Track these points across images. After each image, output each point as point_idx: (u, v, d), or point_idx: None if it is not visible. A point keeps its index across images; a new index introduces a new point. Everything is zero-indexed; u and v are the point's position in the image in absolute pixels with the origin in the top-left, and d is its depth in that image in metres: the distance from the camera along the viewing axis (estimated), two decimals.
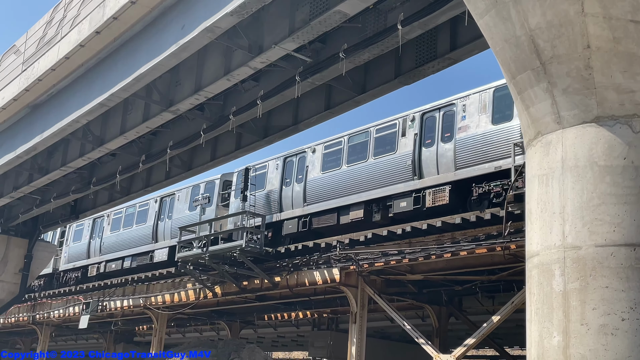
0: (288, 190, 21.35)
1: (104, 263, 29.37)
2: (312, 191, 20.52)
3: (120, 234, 29.02)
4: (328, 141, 20.67)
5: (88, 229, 31.27)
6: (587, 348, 6.66)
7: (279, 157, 22.14)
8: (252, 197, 22.32)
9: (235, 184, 23.53)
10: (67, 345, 41.72)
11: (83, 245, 31.23)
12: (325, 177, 20.23)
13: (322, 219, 20.02)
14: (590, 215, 6.94)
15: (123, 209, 29.04)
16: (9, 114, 19.27)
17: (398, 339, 26.88)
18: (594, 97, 7.12)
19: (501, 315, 15.73)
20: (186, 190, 25.84)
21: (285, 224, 21.02)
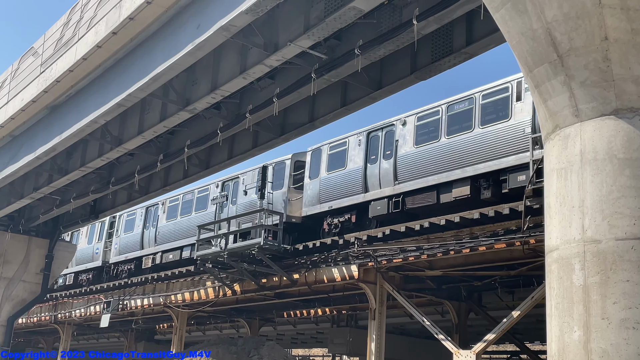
0: (374, 168, 19.50)
1: (160, 254, 27.52)
2: (404, 168, 18.57)
3: (178, 222, 27.02)
4: (421, 112, 18.69)
5: (141, 218, 29.49)
6: (609, 342, 6.61)
7: (362, 133, 20.24)
8: (330, 178, 20.77)
9: (309, 165, 21.86)
10: (89, 345, 42.10)
11: (136, 236, 29.44)
12: (420, 151, 18.28)
13: (417, 198, 18.06)
14: (610, 208, 6.88)
15: (180, 195, 27.25)
16: (28, 116, 19.44)
17: (417, 335, 26.86)
18: (613, 90, 7.06)
19: (521, 310, 15.66)
20: (252, 173, 23.91)
21: (372, 205, 19.13)
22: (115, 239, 30.88)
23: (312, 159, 21.81)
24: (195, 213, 26.18)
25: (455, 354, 16.57)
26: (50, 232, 27.63)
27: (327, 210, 20.68)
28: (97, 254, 31.98)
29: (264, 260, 19.97)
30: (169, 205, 27.86)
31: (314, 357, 44.32)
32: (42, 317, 32.69)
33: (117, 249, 30.66)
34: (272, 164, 22.96)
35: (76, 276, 33.18)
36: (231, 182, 24.96)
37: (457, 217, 16.33)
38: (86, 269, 32.49)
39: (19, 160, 20.80)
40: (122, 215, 30.51)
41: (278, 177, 22.60)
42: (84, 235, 33.13)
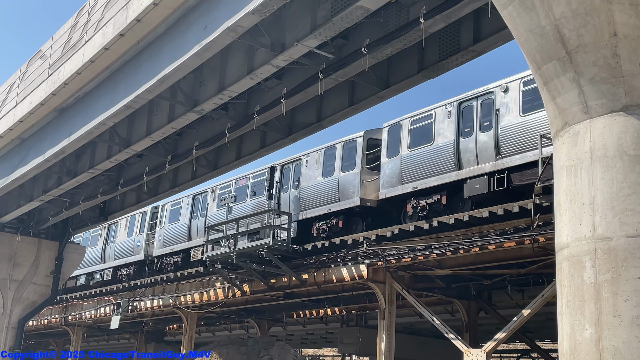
0: (468, 142, 17.51)
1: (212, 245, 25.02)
2: (508, 140, 16.65)
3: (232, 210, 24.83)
4: (528, 75, 16.56)
5: (187, 207, 27.15)
6: (621, 340, 6.57)
7: (451, 103, 18.24)
8: (413, 155, 18.63)
9: (386, 142, 19.61)
10: (99, 346, 42.24)
11: (182, 226, 27.13)
12: (530, 120, 16.30)
13: (527, 174, 16.01)
14: (621, 205, 6.83)
15: (232, 181, 25.24)
16: (37, 118, 19.52)
17: (427, 335, 26.81)
18: (622, 86, 7.01)
19: (531, 308, 15.59)
20: (316, 154, 21.64)
21: (469, 184, 17.22)
22: (159, 231, 28.47)
23: (389, 135, 19.55)
24: (251, 199, 23.81)
25: (466, 353, 16.52)
26: (60, 234, 27.74)
27: (410, 191, 18.42)
28: (138, 247, 29.72)
29: (273, 260, 19.96)
30: (219, 192, 25.42)
31: (323, 357, 44.31)
32: (52, 319, 32.81)
33: (161, 241, 28.30)
34: (341, 142, 20.78)
35: (115, 271, 31.06)
36: (292, 165, 22.64)
37: (466, 215, 16.26)
38: (126, 264, 30.25)
39: (28, 162, 20.89)
40: (166, 205, 28.35)
41: (349, 158, 20.33)
42: (122, 227, 31.02)
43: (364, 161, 20.24)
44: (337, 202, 19.99)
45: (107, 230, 31.95)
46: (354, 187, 19.88)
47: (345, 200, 19.69)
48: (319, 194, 20.67)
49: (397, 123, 19.43)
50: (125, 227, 30.95)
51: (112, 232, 31.88)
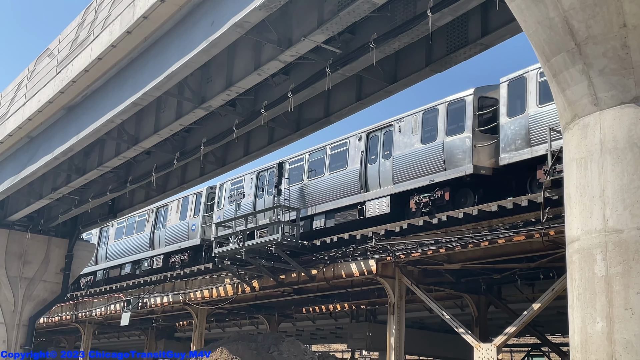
0: None
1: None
2: None
3: (306, 186, 22.12)
4: None
5: (251, 185, 24.37)
6: (632, 333, 6.53)
7: None
8: (546, 112, 16.10)
9: (506, 100, 17.09)
10: (110, 343, 42.43)
11: (246, 206, 24.49)
12: None
13: None
14: (632, 197, 6.78)
15: (304, 154, 22.55)
16: (45, 116, 19.57)
17: (437, 329, 26.78)
18: (632, 77, 6.96)
19: (542, 302, 15.56)
20: (412, 118, 18.99)
21: None
22: (218, 212, 25.79)
23: (509, 92, 17.25)
24: (330, 173, 21.26)
25: (476, 347, 16.49)
26: (70, 231, 27.84)
27: (543, 154, 15.35)
28: (193, 231, 27.11)
29: (282, 256, 19.98)
30: (289, 167, 22.96)
31: (333, 353, 44.34)
32: (63, 317, 32.98)
33: None
34: (444, 103, 18.20)
35: (166, 258, 28.43)
36: (380, 132, 20.01)
37: (475, 209, 16.23)
38: (180, 249, 27.71)
39: (37, 161, 20.95)
40: (225, 185, 25.90)
41: (455, 120, 17.79)
42: (174, 210, 28.49)
43: (475, 123, 17.61)
44: (442, 171, 17.57)
45: (156, 214, 29.51)
46: (464, 153, 17.42)
47: (453, 168, 17.27)
48: (418, 163, 18.21)
49: (521, 76, 17.06)
50: (177, 209, 28.26)
51: (162, 215, 29.26)
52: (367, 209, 19.32)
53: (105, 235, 33.29)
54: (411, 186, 18.36)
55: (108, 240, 32.92)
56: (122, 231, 32.15)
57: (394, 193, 18.86)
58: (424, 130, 18.56)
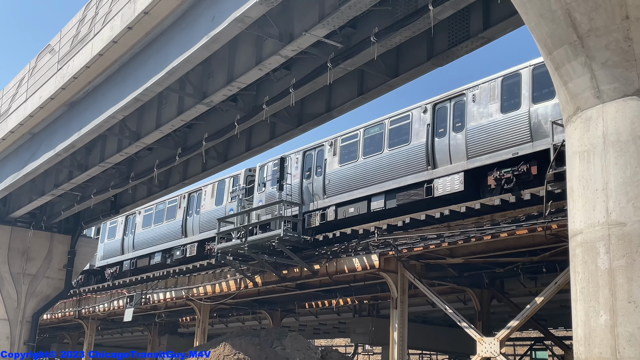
0: None
1: (334, 207, 20.49)
2: None
3: (360, 165, 20.01)
4: None
5: (297, 165, 22.46)
6: (636, 326, 6.52)
7: None
8: None
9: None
10: (113, 339, 42.51)
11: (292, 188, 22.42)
12: None
13: None
14: (635, 190, 6.76)
15: (358, 130, 20.55)
16: (47, 113, 19.57)
17: (440, 323, 26.82)
18: (635, 69, 6.93)
19: (545, 296, 15.55)
20: (489, 85, 17.32)
21: None
22: (259, 196, 23.83)
23: None
24: (389, 150, 19.29)
25: (479, 341, 16.50)
26: (72, 228, 27.88)
27: None
28: None
29: (285, 251, 19.99)
30: (341, 145, 20.96)
31: (336, 347, 44.42)
32: (66, 313, 33.05)
33: None
34: (528, 67, 16.58)
35: (201, 245, 26.63)
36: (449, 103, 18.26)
37: (477, 204, 16.22)
38: None
39: (39, 157, 20.96)
40: (266, 166, 23.84)
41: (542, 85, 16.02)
42: (208, 195, 26.78)
43: None
44: (529, 142, 15.92)
45: (188, 199, 27.79)
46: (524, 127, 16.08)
47: (541, 139, 15.58)
48: (498, 135, 16.64)
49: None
50: (212, 194, 26.41)
51: (195, 201, 27.48)
52: (436, 188, 17.59)
53: (132, 224, 31.60)
54: (489, 160, 16.65)
55: (135, 229, 31.17)
56: (150, 219, 30.26)
57: (468, 169, 17.09)
58: (504, 98, 16.89)
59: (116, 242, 32.43)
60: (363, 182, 19.72)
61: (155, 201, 27.56)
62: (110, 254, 32.84)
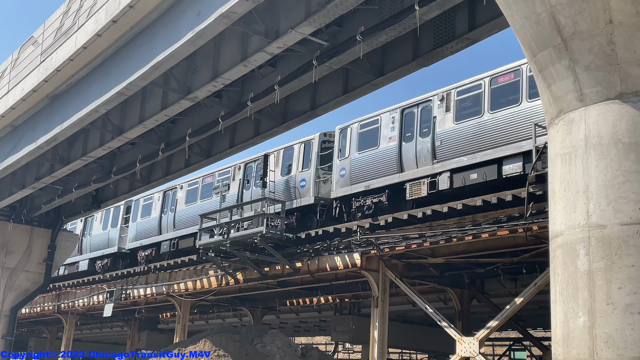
0: None
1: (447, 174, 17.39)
2: None
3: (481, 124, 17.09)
4: None
5: (390, 127, 19.14)
6: (614, 328, 6.58)
7: None
8: None
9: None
10: (93, 334, 42.25)
11: (388, 153, 19.09)
12: None
13: None
14: (615, 193, 6.83)
15: (480, 81, 17.47)
16: (29, 105, 19.40)
17: (420, 323, 26.92)
18: (617, 73, 6.99)
19: (524, 297, 15.65)
20: None
21: None
22: (341, 163, 20.11)
23: None
24: (529, 101, 16.26)
25: (459, 340, 16.58)
26: (53, 222, 27.66)
27: None
28: (303, 188, 21.57)
29: (267, 249, 19.96)
30: (457, 98, 17.81)
31: (317, 345, 44.44)
32: (45, 307, 32.80)
33: (345, 176, 19.89)
34: None
35: None
36: None
37: (459, 204, 16.29)
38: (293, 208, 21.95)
39: (20, 150, 20.78)
40: (350, 128, 20.20)
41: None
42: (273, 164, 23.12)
43: None
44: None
45: (244, 170, 24.15)
46: None
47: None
48: None
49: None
50: (277, 163, 22.88)
51: (252, 171, 23.87)
52: None
53: (172, 200, 28.01)
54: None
55: (176, 205, 27.55)
56: (195, 193, 26.73)
57: None
58: None
59: (152, 221, 28.49)
60: (491, 142, 16.61)
61: (200, 172, 24.87)
62: (143, 234, 28.89)
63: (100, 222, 32.32)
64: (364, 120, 19.97)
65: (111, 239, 31.17)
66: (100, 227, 32.29)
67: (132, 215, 30.15)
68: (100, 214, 32.06)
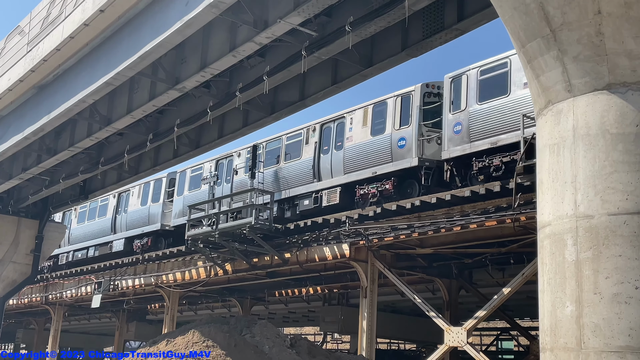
0: None
1: None
2: None
3: None
4: None
5: None
6: (601, 317, 6.64)
7: None
8: None
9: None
10: (81, 325, 42.14)
11: None
12: None
13: None
14: (603, 183, 6.87)
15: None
16: (15, 95, 19.24)
17: (409, 313, 27.04)
18: (605, 64, 7.02)
19: (512, 287, 15.76)
20: None
21: None
22: (456, 118, 17.11)
23: None
24: None
25: (447, 330, 16.67)
26: (40, 212, 27.50)
27: None
28: (402, 149, 18.32)
29: (255, 239, 19.96)
30: None
31: (305, 336, 44.57)
32: (33, 298, 32.67)
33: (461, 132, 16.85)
34: None
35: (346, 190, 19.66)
36: None
37: (448, 194, 16.35)
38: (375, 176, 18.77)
39: (6, 140, 20.63)
40: (469, 74, 17.21)
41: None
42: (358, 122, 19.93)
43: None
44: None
45: (320, 132, 20.96)
46: None
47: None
48: None
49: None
50: (363, 121, 19.78)
51: (332, 133, 20.72)
52: None
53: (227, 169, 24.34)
54: None
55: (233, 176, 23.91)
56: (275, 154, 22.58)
57: None
58: None
59: (202, 194, 24.66)
60: None
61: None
62: None
63: (139, 197, 28.70)
64: (486, 64, 16.92)
65: (152, 215, 27.66)
66: (138, 202, 28.67)
67: (177, 188, 26.63)
68: (138, 188, 28.59)
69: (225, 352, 15.97)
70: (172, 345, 16.24)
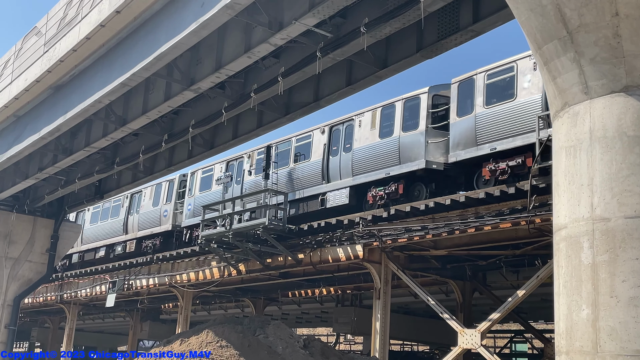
0: None
1: None
2: None
3: None
4: None
5: None
6: (617, 320, 6.60)
7: None
8: None
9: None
10: (95, 324, 42.39)
11: None
12: None
13: None
14: (620, 186, 6.83)
15: None
16: (32, 96, 19.39)
17: (422, 315, 27.00)
18: (623, 66, 6.98)
19: (526, 289, 15.69)
20: None
21: None
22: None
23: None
24: None
25: (460, 332, 16.62)
26: (56, 212, 27.70)
27: None
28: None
29: (269, 240, 19.99)
30: None
31: (318, 336, 44.56)
32: (48, 297, 32.90)
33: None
34: None
35: None
36: None
37: (462, 196, 16.30)
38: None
39: (23, 140, 20.78)
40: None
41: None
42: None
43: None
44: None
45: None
46: None
47: None
48: None
49: None
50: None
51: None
52: None
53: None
54: None
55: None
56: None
57: None
58: None
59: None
60: None
61: None
62: None
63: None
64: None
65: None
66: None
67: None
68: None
69: (238, 352, 16.01)
70: (187, 344, 16.28)
